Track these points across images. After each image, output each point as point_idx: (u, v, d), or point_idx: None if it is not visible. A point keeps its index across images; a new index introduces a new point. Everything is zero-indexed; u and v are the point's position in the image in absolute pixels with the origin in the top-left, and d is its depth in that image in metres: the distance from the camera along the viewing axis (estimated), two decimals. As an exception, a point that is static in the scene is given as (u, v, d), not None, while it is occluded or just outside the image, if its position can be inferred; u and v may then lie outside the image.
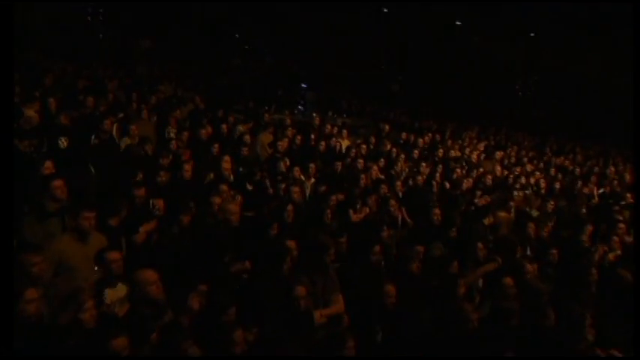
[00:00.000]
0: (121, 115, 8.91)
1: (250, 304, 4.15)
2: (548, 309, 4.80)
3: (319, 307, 4.61)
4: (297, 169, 7.72)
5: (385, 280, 4.76)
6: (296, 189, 6.65)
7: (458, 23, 22.09)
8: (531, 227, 7.20)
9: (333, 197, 6.67)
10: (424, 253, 5.80)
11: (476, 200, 8.69)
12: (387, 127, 12.61)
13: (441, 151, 11.32)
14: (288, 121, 11.49)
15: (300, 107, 15.72)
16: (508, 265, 5.92)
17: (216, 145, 7.86)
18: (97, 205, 4.71)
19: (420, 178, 8.86)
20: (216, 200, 5.49)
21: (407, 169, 9.46)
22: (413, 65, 21.95)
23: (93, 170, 6.70)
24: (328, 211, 6.19)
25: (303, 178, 7.75)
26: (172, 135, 8.61)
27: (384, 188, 7.48)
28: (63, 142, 6.74)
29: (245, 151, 8.07)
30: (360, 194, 7.42)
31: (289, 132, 10.03)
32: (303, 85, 17.95)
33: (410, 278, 5.27)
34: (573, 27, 18.00)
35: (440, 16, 20.48)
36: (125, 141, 7.62)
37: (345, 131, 11.17)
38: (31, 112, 6.72)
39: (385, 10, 21.91)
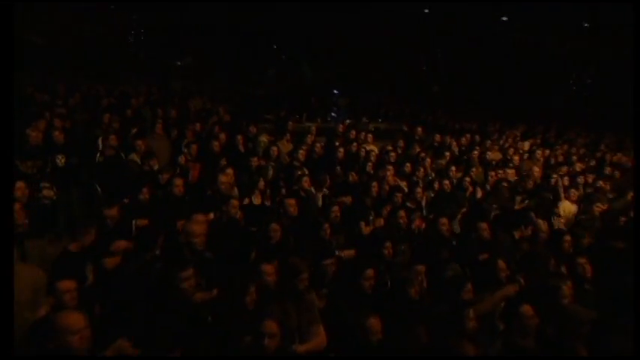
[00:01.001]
0: (135, 130, 8.85)
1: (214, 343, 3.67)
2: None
3: (294, 342, 4.00)
4: (305, 179, 7.27)
5: (369, 312, 3.99)
6: (292, 202, 6.08)
7: (504, 19, 21.01)
8: (567, 240, 6.10)
9: (335, 209, 6.12)
10: (438, 274, 5.14)
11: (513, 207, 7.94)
12: (419, 129, 11.94)
13: (477, 152, 10.51)
14: (313, 129, 11.07)
15: (332, 114, 15.27)
16: (535, 288, 4.99)
17: (224, 159, 7.57)
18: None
19: (446, 183, 8.19)
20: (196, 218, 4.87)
21: (433, 174, 8.76)
22: (455, 65, 20.98)
23: (99, 189, 6.60)
24: (327, 225, 5.65)
25: (313, 189, 7.28)
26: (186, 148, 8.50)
27: (397, 197, 6.88)
28: (60, 160, 6.66)
29: (255, 161, 7.69)
30: (373, 204, 6.88)
31: (309, 139, 9.63)
32: (335, 91, 17.49)
33: (407, 306, 4.49)
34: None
35: (484, 11, 19.49)
36: (132, 157, 7.49)
37: (370, 136, 10.61)
38: (32, 133, 6.66)
39: (426, 10, 21.15)
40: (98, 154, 7.20)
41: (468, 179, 8.62)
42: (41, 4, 16.70)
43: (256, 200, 6.88)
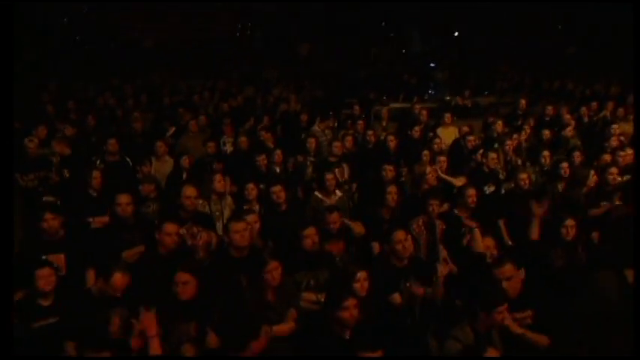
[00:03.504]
0: (173, 129, 8.24)
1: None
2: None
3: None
4: (330, 176, 5.84)
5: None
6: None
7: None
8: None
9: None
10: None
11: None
12: (523, 102, 9.57)
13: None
14: (384, 113, 9.46)
15: (430, 91, 13.31)
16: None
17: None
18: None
19: (523, 177, 5.99)
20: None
21: (500, 165, 6.62)
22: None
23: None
24: (308, 240, 4.28)
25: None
26: (228, 145, 7.65)
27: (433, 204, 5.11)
28: (65, 173, 6.21)
29: (261, 160, 6.52)
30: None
31: (359, 126, 8.15)
32: (431, 64, 15.32)
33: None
34: None
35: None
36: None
37: (448, 116, 8.68)
38: (30, 144, 6.25)
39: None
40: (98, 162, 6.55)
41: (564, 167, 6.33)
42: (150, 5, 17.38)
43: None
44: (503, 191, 6.19)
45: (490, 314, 3.34)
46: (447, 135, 8.30)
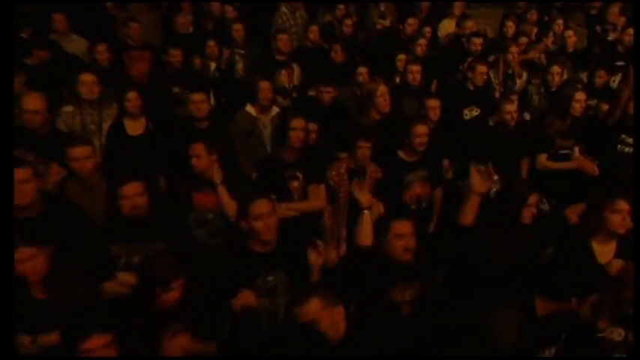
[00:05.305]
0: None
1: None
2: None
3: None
4: (265, 85, 4.41)
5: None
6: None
7: None
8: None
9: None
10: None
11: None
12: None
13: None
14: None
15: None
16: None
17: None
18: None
19: (508, 110, 4.32)
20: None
21: (497, 81, 4.97)
22: None
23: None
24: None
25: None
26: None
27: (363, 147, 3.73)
28: None
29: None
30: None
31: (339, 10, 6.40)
32: None
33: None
34: None
35: None
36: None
37: (459, 5, 6.69)
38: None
39: None
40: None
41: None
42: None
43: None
44: (491, 122, 4.63)
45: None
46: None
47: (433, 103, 4.30)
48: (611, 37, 6.10)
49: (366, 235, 2.72)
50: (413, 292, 2.66)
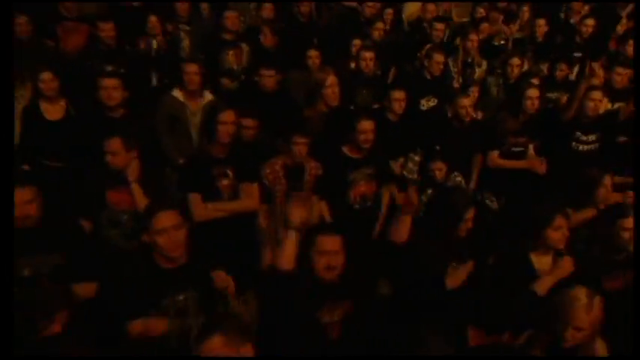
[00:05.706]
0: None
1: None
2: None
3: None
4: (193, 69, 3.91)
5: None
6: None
7: None
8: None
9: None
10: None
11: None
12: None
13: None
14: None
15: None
16: None
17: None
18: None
19: (463, 104, 4.13)
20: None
21: (456, 69, 4.71)
22: None
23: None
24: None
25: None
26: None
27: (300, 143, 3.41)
28: None
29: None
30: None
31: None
32: None
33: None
34: None
35: None
36: None
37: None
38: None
39: None
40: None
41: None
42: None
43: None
44: (449, 113, 4.36)
45: None
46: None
47: (398, 95, 3.99)
48: (573, 20, 5.89)
49: (287, 259, 2.40)
50: (342, 312, 2.44)
